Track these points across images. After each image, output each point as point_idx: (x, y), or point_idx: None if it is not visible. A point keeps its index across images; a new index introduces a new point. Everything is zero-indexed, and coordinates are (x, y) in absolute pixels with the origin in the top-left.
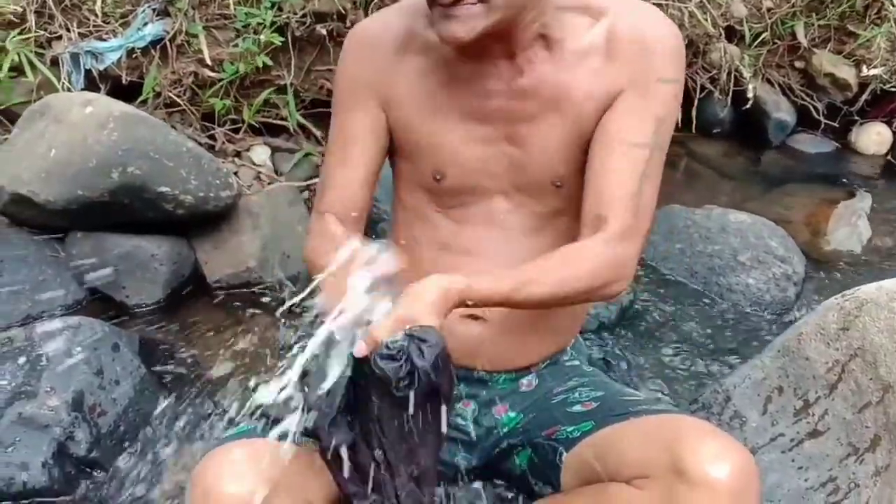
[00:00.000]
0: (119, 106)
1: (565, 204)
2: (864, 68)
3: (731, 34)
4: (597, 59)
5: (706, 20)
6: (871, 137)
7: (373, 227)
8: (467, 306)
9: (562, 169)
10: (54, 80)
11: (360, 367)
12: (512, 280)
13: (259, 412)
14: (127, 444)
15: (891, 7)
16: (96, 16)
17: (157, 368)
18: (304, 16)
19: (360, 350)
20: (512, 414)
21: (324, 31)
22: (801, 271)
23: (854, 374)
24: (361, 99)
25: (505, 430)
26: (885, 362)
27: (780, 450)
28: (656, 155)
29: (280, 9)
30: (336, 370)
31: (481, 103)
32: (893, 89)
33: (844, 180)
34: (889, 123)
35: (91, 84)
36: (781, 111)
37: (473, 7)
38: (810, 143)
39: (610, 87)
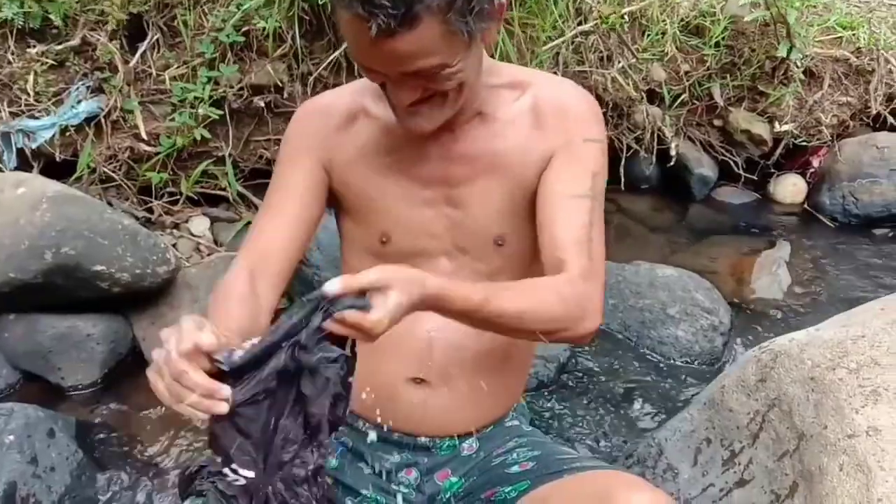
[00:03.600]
0: (52, 185)
1: (507, 263)
2: (777, 124)
3: (653, 96)
4: (525, 126)
5: (629, 84)
6: (788, 188)
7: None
8: (436, 310)
9: (503, 227)
10: None
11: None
12: (484, 292)
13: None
14: None
15: (795, 69)
16: (28, 94)
17: (96, 452)
18: (241, 89)
19: (332, 286)
20: (454, 479)
21: (262, 103)
22: (728, 322)
23: (773, 423)
24: (305, 158)
25: (448, 495)
26: (799, 411)
27: (711, 500)
28: (597, 205)
29: (217, 83)
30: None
31: (424, 169)
32: (805, 143)
33: (765, 230)
34: (803, 174)
35: (24, 162)
36: (703, 167)
37: (431, 105)
38: (732, 196)
39: (541, 150)
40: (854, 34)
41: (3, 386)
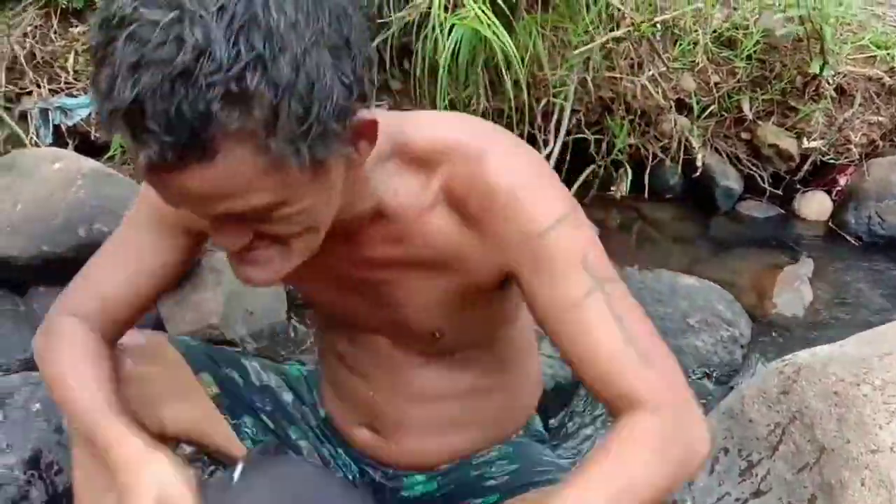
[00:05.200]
0: (88, 163)
1: (452, 345)
2: (805, 141)
3: (681, 106)
4: (443, 223)
5: (658, 93)
6: (813, 205)
7: None
8: None
9: (438, 322)
10: (22, 134)
11: None
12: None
13: None
14: None
15: (826, 85)
16: (67, 73)
17: None
18: None
19: None
20: (423, 478)
21: None
22: (748, 334)
23: (793, 436)
24: (174, 224)
25: (419, 489)
26: (821, 425)
27: None
28: (610, 288)
29: None
30: None
31: (340, 268)
32: (832, 161)
33: (788, 245)
34: (829, 192)
35: (59, 139)
36: (729, 179)
37: (269, 251)
38: (757, 210)
39: (484, 260)
40: (889, 53)
41: (30, 356)
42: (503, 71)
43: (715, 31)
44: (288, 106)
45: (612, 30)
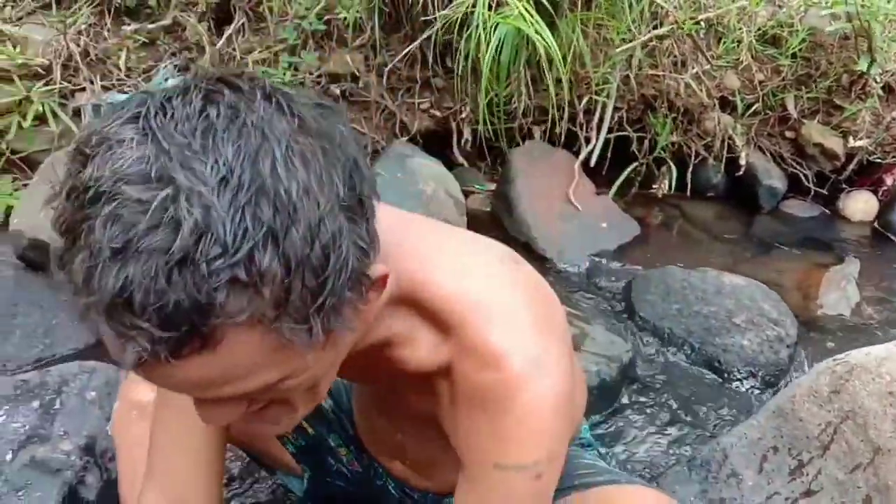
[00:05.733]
0: None
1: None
2: (851, 140)
3: (725, 104)
4: (436, 393)
5: (701, 91)
6: (858, 205)
7: None
8: None
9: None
10: (75, 129)
11: None
12: None
13: None
14: None
15: (874, 84)
16: (119, 70)
17: None
18: (318, 76)
19: None
20: None
21: (337, 91)
22: (794, 334)
23: (846, 435)
24: None
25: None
26: (875, 425)
27: None
28: None
29: (296, 69)
30: None
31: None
32: (879, 160)
33: (833, 246)
34: (875, 192)
35: None
36: (772, 178)
37: (271, 410)
38: (800, 209)
39: (455, 439)
40: None
41: (84, 346)
42: (545, 69)
43: (759, 29)
44: (301, 282)
45: (655, 27)
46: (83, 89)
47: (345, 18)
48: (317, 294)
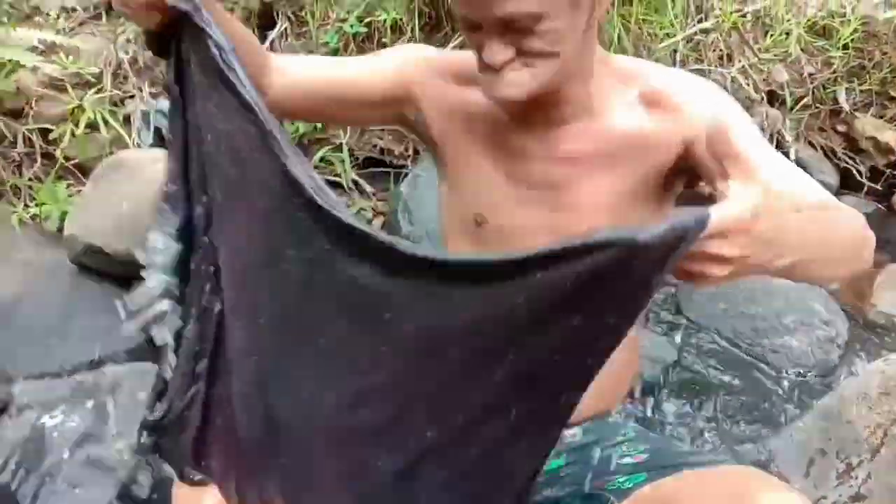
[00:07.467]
0: None
1: None
2: None
3: (773, 98)
4: (637, 119)
5: (748, 85)
6: None
7: None
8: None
9: (608, 223)
10: (125, 136)
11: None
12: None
13: None
14: None
15: None
16: None
17: None
18: None
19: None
20: (554, 459)
21: None
22: (845, 334)
23: None
24: (402, 73)
25: (546, 476)
26: None
27: None
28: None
29: None
30: None
31: (526, 168)
32: None
33: (889, 243)
34: None
35: (160, 141)
36: (824, 173)
37: (519, 71)
38: (853, 205)
39: (661, 144)
40: None
41: (136, 347)
42: None
43: (809, 20)
44: None
45: (700, 21)
46: (132, 96)
47: (385, 20)
48: None
